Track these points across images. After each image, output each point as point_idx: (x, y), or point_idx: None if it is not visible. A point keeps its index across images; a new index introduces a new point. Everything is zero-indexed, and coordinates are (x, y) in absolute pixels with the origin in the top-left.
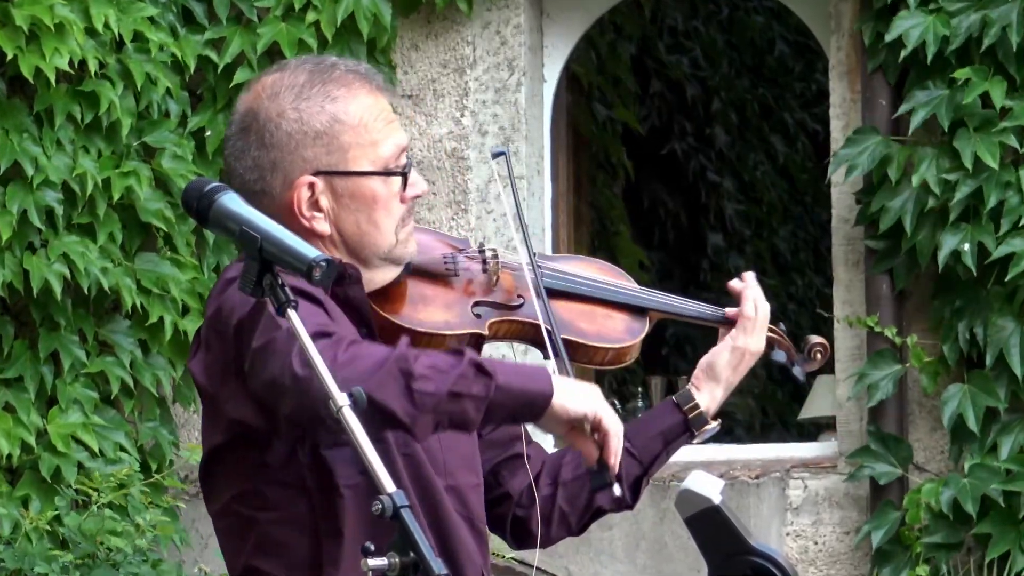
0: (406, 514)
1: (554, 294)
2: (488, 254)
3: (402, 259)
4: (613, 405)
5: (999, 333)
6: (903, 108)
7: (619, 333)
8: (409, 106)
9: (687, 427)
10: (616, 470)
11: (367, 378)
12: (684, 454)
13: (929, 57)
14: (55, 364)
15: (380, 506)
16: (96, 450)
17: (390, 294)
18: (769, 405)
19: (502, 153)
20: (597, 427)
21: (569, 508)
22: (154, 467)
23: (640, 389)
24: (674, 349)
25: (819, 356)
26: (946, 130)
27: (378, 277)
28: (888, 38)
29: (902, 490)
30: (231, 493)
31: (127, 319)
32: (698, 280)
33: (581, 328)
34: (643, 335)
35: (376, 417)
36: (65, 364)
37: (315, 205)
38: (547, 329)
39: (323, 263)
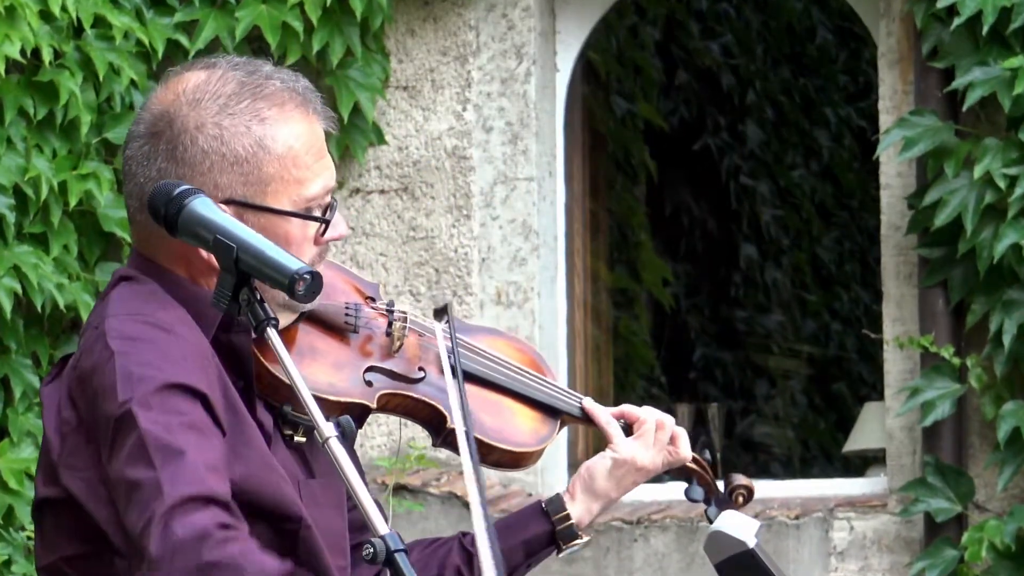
0: (400, 559)
1: (465, 377)
2: (396, 315)
3: (301, 308)
4: None
5: None
6: (956, 83)
7: (523, 435)
8: (405, 99)
9: (553, 539)
10: None
11: None
12: None
13: (985, 28)
14: (6, 391)
15: (372, 550)
16: None
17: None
18: (810, 436)
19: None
20: None
21: None
22: None
23: None
24: (702, 374)
25: (741, 500)
26: (1006, 111)
27: None
28: (940, 4)
29: (960, 530)
30: (65, 553)
31: None
32: (729, 296)
33: (481, 421)
34: (549, 442)
35: None
36: (16, 392)
37: None
38: (465, 431)
39: (307, 275)
